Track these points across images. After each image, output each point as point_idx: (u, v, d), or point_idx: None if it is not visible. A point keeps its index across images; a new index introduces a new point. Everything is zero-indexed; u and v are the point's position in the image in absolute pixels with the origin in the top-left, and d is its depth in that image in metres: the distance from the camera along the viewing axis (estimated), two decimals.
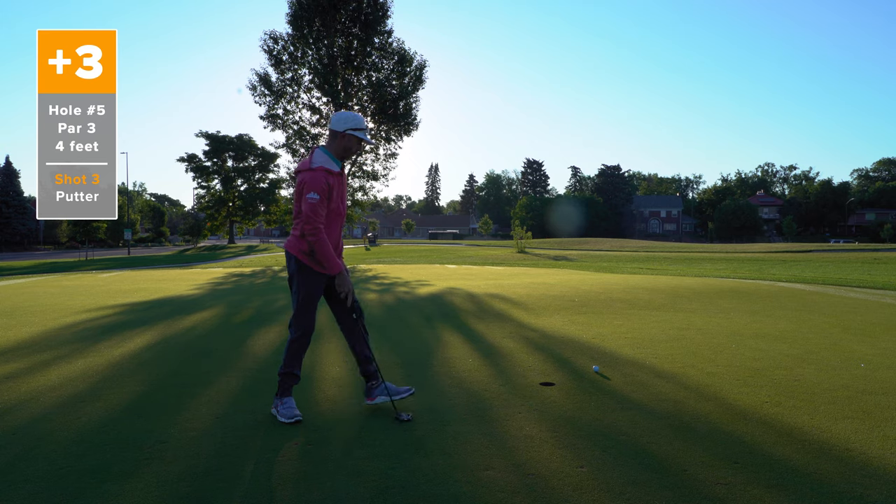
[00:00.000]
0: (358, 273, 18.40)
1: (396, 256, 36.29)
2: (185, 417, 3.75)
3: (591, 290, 10.64)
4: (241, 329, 7.17)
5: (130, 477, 2.87)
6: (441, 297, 10.06)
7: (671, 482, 2.80)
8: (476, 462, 3.04)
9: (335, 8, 24.80)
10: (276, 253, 47.97)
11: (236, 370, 5.02)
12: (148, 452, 3.16)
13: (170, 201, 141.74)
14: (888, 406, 3.93)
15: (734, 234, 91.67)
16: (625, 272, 17.75)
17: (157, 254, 48.76)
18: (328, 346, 5.95)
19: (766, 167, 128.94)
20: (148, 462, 3.04)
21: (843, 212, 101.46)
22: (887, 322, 7.48)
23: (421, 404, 4.02)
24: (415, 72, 25.95)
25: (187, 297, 10.65)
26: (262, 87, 25.46)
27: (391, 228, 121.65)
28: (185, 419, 3.72)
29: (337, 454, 3.15)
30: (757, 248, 53.95)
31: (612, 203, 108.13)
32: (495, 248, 51.72)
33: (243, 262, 30.11)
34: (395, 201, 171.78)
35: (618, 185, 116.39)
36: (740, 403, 4.02)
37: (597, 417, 3.73)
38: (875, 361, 5.23)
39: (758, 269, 20.71)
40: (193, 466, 2.99)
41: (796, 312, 8.26)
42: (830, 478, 2.84)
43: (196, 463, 3.04)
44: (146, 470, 2.95)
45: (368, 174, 27.11)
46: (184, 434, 3.45)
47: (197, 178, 67.94)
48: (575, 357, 5.45)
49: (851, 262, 29.59)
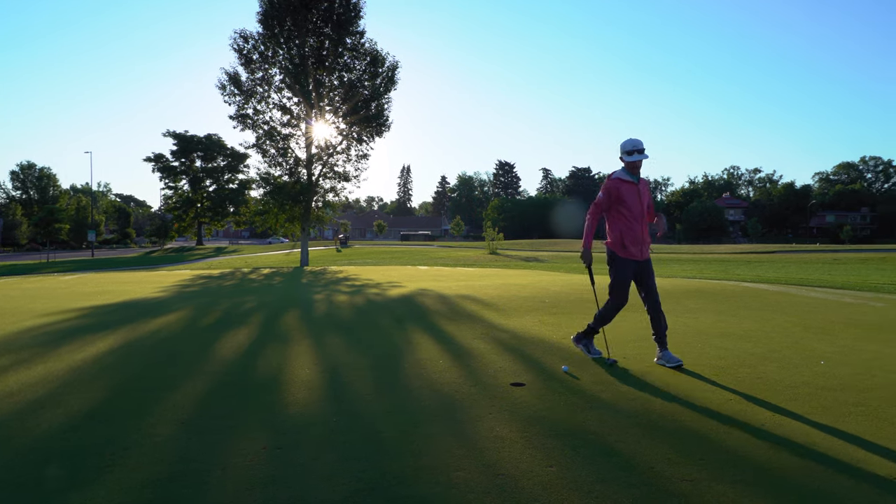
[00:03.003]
0: (328, 275, 18.26)
1: (368, 258, 36.11)
2: (148, 423, 3.67)
3: (562, 291, 10.74)
4: (209, 332, 7.05)
5: (92, 485, 2.80)
6: (412, 299, 10.04)
7: (638, 479, 2.84)
8: (446, 463, 3.03)
9: (307, 7, 24.56)
10: (245, 255, 47.37)
11: (203, 374, 4.93)
12: (110, 459, 3.09)
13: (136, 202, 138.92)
14: (846, 402, 4.05)
15: (701, 235, 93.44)
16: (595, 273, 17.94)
17: (123, 256, 47.71)
18: (297, 349, 5.90)
19: (731, 170, 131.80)
20: (110, 469, 2.97)
21: (805, 214, 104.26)
22: (846, 320, 7.69)
23: (391, 406, 4.00)
24: (387, 73, 25.83)
25: (153, 300, 10.44)
26: (232, 87, 25.07)
27: (363, 230, 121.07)
28: (149, 424, 3.64)
29: (306, 458, 3.12)
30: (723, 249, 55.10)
31: (583, 205, 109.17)
32: (467, 249, 51.83)
33: (212, 264, 29.65)
34: (366, 202, 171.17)
35: (588, 186, 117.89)
36: (706, 401, 4.09)
37: (566, 417, 3.77)
38: (834, 359, 5.38)
39: (723, 270, 21.15)
40: (158, 473, 2.93)
41: (760, 312, 8.44)
42: (791, 473, 2.91)
43: (160, 469, 2.97)
44: (108, 477, 2.88)
45: (340, 175, 26.86)
46: (148, 440, 3.38)
47: (164, 178, 66.81)
48: (545, 357, 5.49)
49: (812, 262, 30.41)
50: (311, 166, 26.43)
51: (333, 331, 7.02)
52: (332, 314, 8.52)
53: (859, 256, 38.26)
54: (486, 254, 42.53)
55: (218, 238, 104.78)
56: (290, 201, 25.57)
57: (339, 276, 17.22)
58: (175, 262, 32.90)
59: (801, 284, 13.17)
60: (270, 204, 26.01)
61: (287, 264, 28.58)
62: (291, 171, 26.37)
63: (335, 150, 26.62)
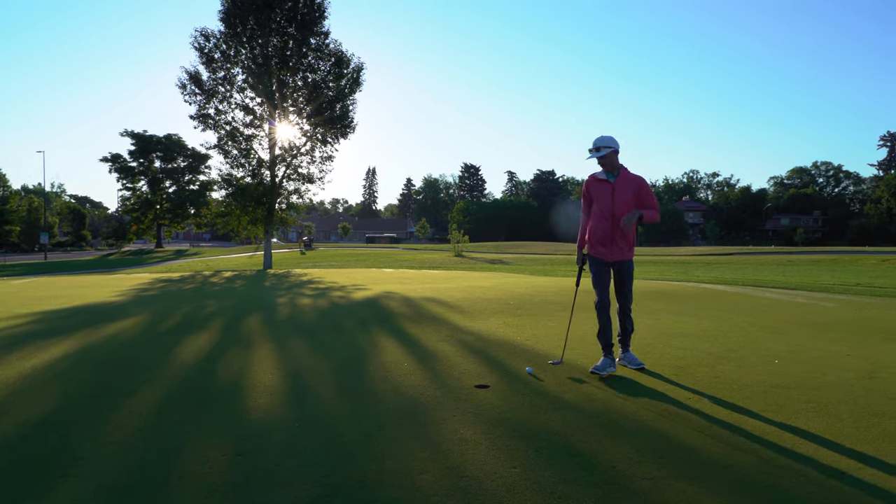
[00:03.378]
0: (292, 278, 18.04)
1: (332, 260, 35.82)
2: (104, 431, 3.57)
3: (526, 293, 10.83)
4: (168, 337, 6.89)
5: (44, 497, 2.70)
6: (377, 302, 10.00)
7: (600, 479, 2.88)
8: (410, 466, 3.03)
9: (270, 7, 24.24)
10: (206, 257, 46.49)
11: (161, 379, 4.82)
12: (62, 469, 2.99)
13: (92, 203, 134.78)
14: (798, 399, 4.18)
15: (662, 237, 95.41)
16: (559, 275, 18.15)
17: (78, 259, 46.32)
18: (259, 353, 5.81)
19: (691, 173, 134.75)
20: (63, 480, 2.88)
21: (761, 217, 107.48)
22: (799, 320, 7.95)
23: (355, 410, 3.97)
24: (352, 74, 25.66)
25: (109, 304, 10.15)
26: (193, 86, 24.57)
27: (327, 232, 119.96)
28: (105, 433, 3.54)
29: (267, 464, 3.07)
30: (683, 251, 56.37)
31: (547, 207, 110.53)
32: (432, 251, 51.84)
33: (171, 267, 29.01)
34: (331, 205, 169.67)
35: (552, 189, 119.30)
36: (666, 401, 4.18)
37: (530, 418, 3.80)
38: (787, 357, 5.56)
39: (683, 272, 21.63)
40: (113, 482, 2.85)
41: (718, 312, 8.66)
42: (747, 469, 3.00)
43: (116, 479, 2.89)
44: (61, 488, 2.79)
45: (304, 177, 26.55)
46: (103, 448, 3.28)
47: (122, 179, 65.04)
48: (509, 359, 5.52)
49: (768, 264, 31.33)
50: (274, 168, 26.07)
51: (296, 334, 6.94)
52: (296, 317, 8.42)
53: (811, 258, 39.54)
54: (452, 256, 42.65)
55: (178, 240, 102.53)
56: (253, 203, 25.19)
57: (302, 279, 17.03)
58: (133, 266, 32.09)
59: (757, 285, 13.55)
60: (233, 206, 25.57)
61: (250, 267, 28.15)
62: (254, 172, 25.97)
63: (299, 151, 26.32)
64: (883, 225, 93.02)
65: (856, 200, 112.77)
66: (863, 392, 4.37)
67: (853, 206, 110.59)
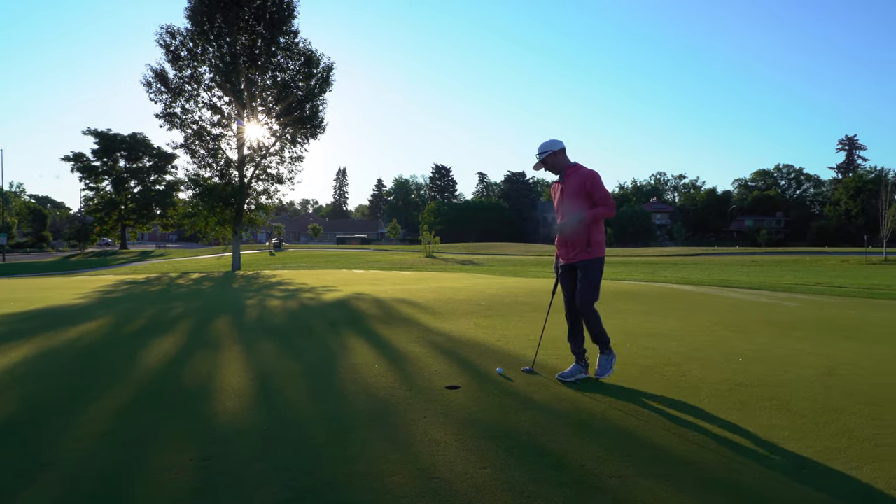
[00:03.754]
0: (261, 279, 17.82)
1: (302, 262, 35.49)
2: (66, 437, 3.48)
3: (497, 294, 10.88)
4: (133, 340, 6.74)
5: None
6: (347, 303, 9.93)
7: (569, 478, 2.91)
8: (380, 469, 3.01)
9: (238, 4, 23.94)
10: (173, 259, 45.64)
11: (127, 383, 4.71)
12: (22, 477, 2.90)
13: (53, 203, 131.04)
14: (762, 397, 4.28)
15: (630, 239, 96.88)
16: (529, 276, 18.28)
17: (38, 260, 45.06)
18: (228, 356, 5.72)
19: (658, 175, 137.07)
20: (24, 487, 2.79)
21: (726, 218, 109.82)
22: (762, 319, 8.15)
23: (324, 412, 3.94)
24: (322, 74, 25.47)
25: (72, 307, 9.88)
26: (159, 84, 24.12)
27: (297, 233, 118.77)
28: (67, 439, 3.44)
29: (235, 468, 3.03)
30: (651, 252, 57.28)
31: (517, 209, 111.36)
32: (404, 252, 51.75)
33: (136, 269, 28.41)
34: (301, 205, 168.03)
35: (523, 191, 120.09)
36: (634, 400, 4.24)
37: (500, 419, 3.81)
38: (751, 356, 5.69)
39: (651, 272, 21.98)
40: (75, 490, 2.78)
41: (684, 312, 8.83)
42: (712, 466, 3.06)
43: (78, 486, 2.82)
44: (22, 496, 2.70)
45: (273, 177, 26.26)
46: (64, 455, 3.20)
47: (84, 178, 63.42)
48: (480, 360, 5.54)
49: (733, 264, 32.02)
50: (242, 168, 25.73)
51: (265, 337, 6.85)
52: (264, 319, 8.32)
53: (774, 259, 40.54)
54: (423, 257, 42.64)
55: (144, 242, 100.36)
56: (221, 204, 24.81)
57: (272, 281, 16.83)
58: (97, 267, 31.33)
59: (723, 285, 13.85)
60: (200, 206, 25.15)
61: (218, 268, 27.72)
62: (222, 172, 25.60)
63: (268, 151, 26.04)
64: (842, 226, 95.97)
65: (816, 202, 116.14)
66: (822, 389, 4.50)
67: (814, 208, 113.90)
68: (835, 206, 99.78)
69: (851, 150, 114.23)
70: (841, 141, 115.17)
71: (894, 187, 53.05)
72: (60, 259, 47.76)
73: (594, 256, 4.76)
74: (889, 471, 2.99)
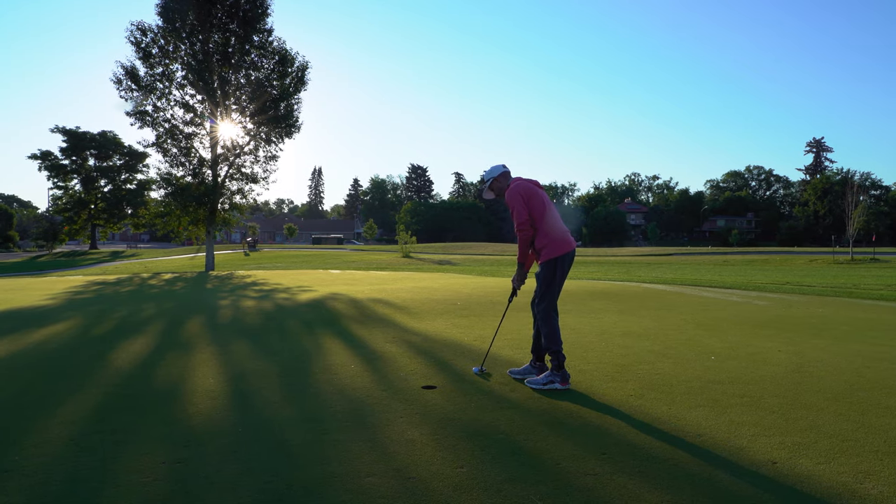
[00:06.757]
0: (235, 280, 17.60)
1: (277, 262, 35.16)
2: (32, 441, 3.39)
3: (473, 294, 10.90)
4: (103, 342, 6.60)
5: None
6: (323, 303, 9.86)
7: (545, 476, 2.92)
8: (357, 469, 3.00)
9: (210, 2, 23.62)
10: (145, 259, 44.87)
11: (96, 386, 4.61)
12: None
13: (20, 203, 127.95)
14: (733, 394, 4.36)
15: (605, 239, 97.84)
16: (505, 276, 18.34)
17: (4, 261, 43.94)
18: (201, 357, 5.64)
19: (633, 176, 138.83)
20: None
21: (698, 218, 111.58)
22: (734, 318, 8.29)
23: (300, 413, 3.91)
24: (297, 73, 25.24)
25: (39, 308, 9.65)
26: (129, 82, 23.66)
27: (272, 233, 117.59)
28: (33, 443, 3.36)
29: (208, 470, 2.98)
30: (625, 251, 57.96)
31: (493, 209, 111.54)
32: (380, 252, 51.58)
33: (107, 269, 27.86)
34: (276, 205, 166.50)
35: None
36: (608, 398, 4.28)
37: (476, 418, 3.82)
38: (723, 354, 5.79)
39: (626, 272, 22.23)
40: (41, 496, 2.71)
41: (658, 311, 8.94)
42: (684, 462, 3.10)
43: (45, 491, 2.75)
44: None
45: (247, 176, 25.93)
46: (31, 460, 3.11)
47: (52, 177, 61.99)
48: (456, 360, 5.55)
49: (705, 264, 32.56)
50: (216, 167, 25.38)
51: (239, 337, 6.77)
52: (239, 320, 8.22)
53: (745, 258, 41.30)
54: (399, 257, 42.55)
55: (114, 241, 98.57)
56: (194, 203, 24.44)
57: (246, 281, 16.64)
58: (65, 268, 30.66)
59: (695, 285, 14.06)
60: (172, 206, 24.74)
61: (191, 269, 27.32)
62: (195, 171, 25.20)
63: (242, 150, 25.71)
64: (810, 226, 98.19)
65: (785, 203, 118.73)
66: (792, 386, 4.59)
67: (783, 209, 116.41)
68: (803, 206, 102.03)
69: (819, 152, 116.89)
70: (809, 143, 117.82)
71: (860, 189, 54.50)
72: (27, 259, 46.64)
73: (543, 261, 4.90)
74: (855, 465, 3.06)
